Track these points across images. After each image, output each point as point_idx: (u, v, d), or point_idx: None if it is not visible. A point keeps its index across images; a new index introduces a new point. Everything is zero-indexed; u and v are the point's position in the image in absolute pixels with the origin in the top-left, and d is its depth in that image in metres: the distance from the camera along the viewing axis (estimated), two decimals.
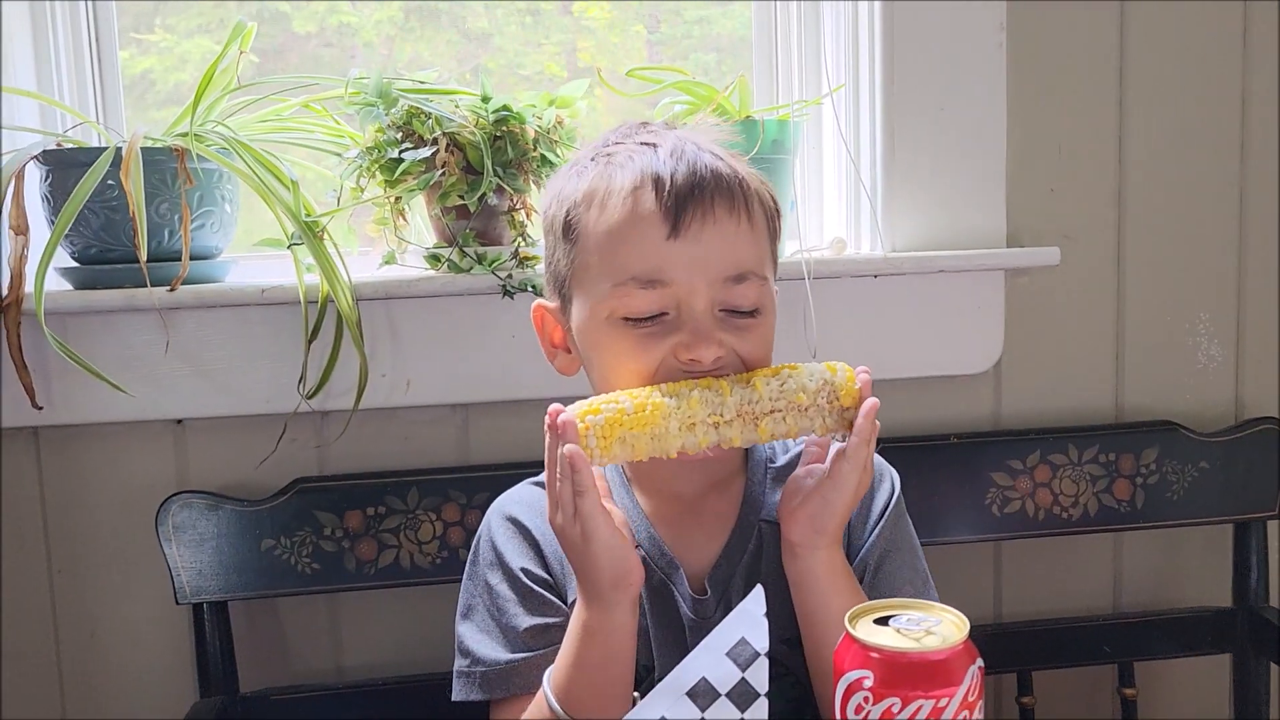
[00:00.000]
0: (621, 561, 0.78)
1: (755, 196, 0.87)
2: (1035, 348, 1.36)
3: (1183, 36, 1.34)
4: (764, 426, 0.79)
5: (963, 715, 0.60)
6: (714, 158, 0.85)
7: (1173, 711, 1.42)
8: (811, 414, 0.80)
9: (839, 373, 0.82)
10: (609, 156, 0.87)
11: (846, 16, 1.33)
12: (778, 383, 0.80)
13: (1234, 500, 1.31)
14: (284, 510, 1.17)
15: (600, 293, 0.85)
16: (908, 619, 0.63)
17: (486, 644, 0.90)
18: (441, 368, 1.23)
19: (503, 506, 0.96)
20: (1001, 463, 1.28)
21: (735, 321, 0.85)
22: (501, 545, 0.93)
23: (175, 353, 1.19)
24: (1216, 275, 1.38)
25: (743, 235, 0.85)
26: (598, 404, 0.78)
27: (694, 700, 0.63)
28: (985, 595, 1.38)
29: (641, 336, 0.84)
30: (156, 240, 1.16)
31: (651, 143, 0.86)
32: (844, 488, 0.81)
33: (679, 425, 0.78)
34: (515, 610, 0.89)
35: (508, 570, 0.91)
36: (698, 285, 0.83)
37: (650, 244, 0.82)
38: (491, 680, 0.89)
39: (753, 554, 0.90)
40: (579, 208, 0.86)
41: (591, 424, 0.77)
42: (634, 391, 0.79)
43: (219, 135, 1.14)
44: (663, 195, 0.82)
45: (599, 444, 0.77)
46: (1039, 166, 1.33)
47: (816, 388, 0.80)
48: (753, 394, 0.79)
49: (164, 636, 1.25)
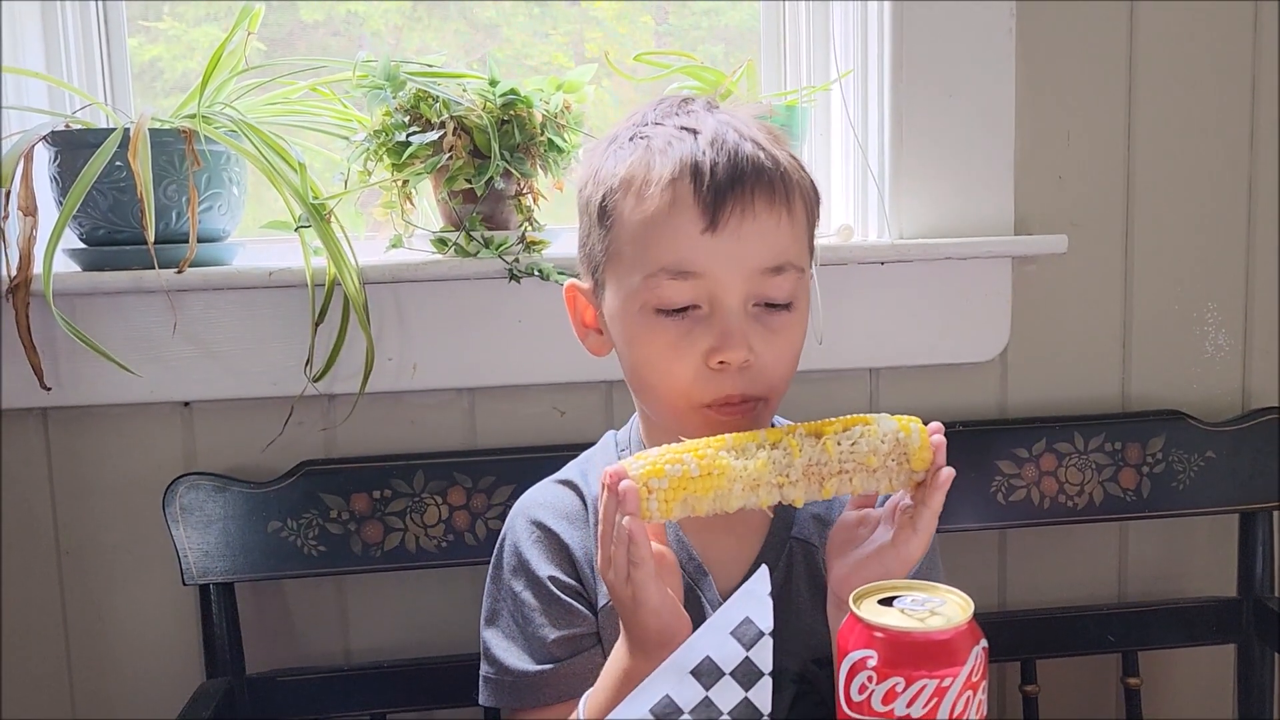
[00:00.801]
0: (670, 625, 0.75)
1: (796, 187, 0.85)
2: (1042, 336, 1.35)
3: (1193, 26, 1.33)
4: (829, 486, 0.77)
5: (966, 695, 0.60)
6: (755, 146, 0.83)
7: (1176, 701, 1.42)
8: (879, 475, 0.77)
9: (913, 434, 0.78)
10: (648, 140, 0.84)
11: (856, 4, 1.33)
12: (849, 442, 0.77)
13: (1240, 490, 1.31)
14: (290, 492, 1.17)
15: (633, 283, 0.83)
16: (912, 599, 0.63)
17: (513, 653, 0.89)
18: (448, 352, 1.23)
19: (527, 510, 0.94)
20: (1007, 451, 1.28)
21: (768, 320, 0.83)
22: (527, 551, 0.91)
23: (183, 335, 1.19)
24: (1224, 265, 1.38)
25: (782, 228, 0.83)
26: (661, 465, 0.74)
27: (698, 679, 0.63)
28: (990, 583, 1.38)
29: (674, 339, 0.82)
30: (164, 222, 1.16)
31: (692, 128, 0.84)
32: (908, 560, 0.78)
33: (744, 487, 0.75)
34: (541, 621, 0.88)
35: (534, 578, 0.89)
36: (733, 280, 0.81)
37: (685, 237, 0.81)
38: (519, 690, 0.88)
39: (783, 571, 0.90)
40: (616, 193, 0.84)
41: (655, 488, 0.74)
42: (699, 448, 0.76)
43: (227, 117, 1.14)
44: (701, 188, 0.80)
45: (660, 506, 0.74)
46: (1047, 154, 1.33)
47: (889, 449, 0.77)
48: (823, 455, 0.76)
49: (171, 618, 1.26)
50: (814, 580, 0.88)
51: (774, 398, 0.86)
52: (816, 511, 0.92)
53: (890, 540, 0.78)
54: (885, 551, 0.78)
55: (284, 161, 1.13)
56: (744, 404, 0.84)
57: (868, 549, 0.80)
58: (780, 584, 0.89)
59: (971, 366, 1.34)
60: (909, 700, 0.59)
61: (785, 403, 1.29)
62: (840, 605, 0.80)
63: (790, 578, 0.90)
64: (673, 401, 0.84)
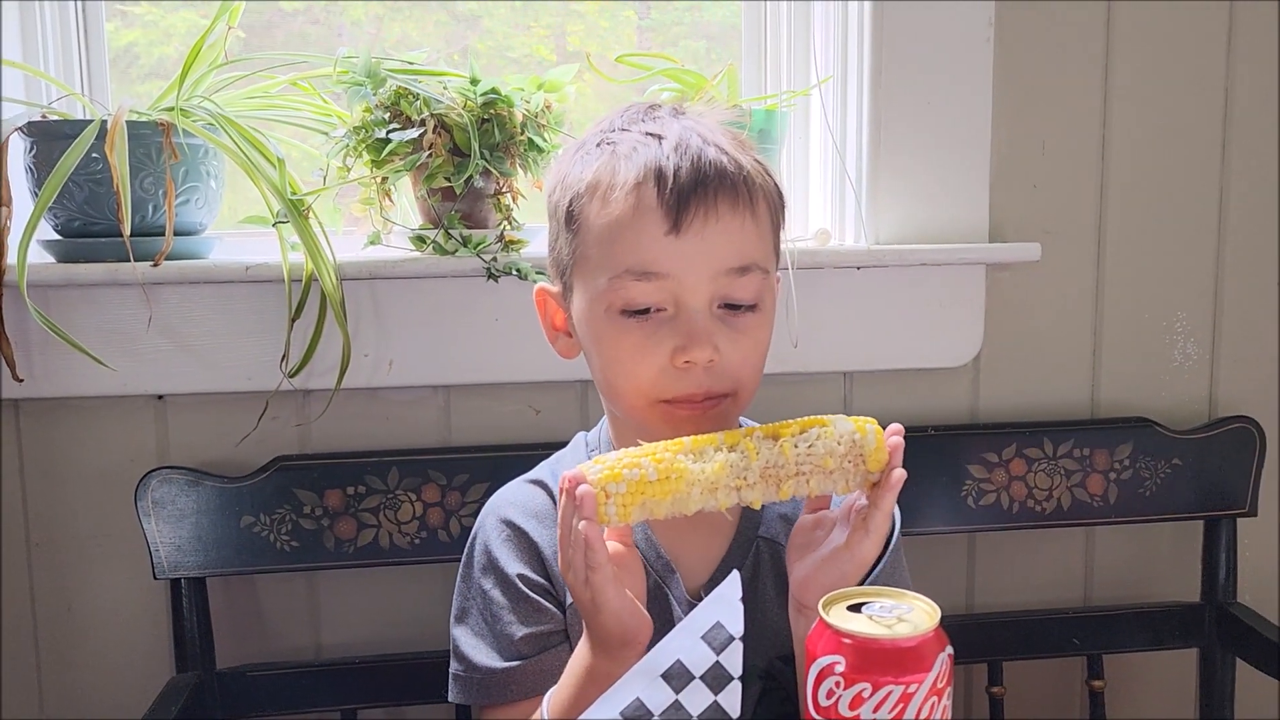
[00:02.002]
0: (631, 626, 0.76)
1: (760, 190, 0.86)
2: (1015, 342, 1.37)
3: (1168, 38, 1.35)
4: (786, 488, 0.78)
5: (931, 701, 0.61)
6: (718, 151, 0.84)
7: (1140, 704, 1.45)
8: (836, 476, 0.78)
9: (869, 435, 0.79)
10: (614, 146, 0.86)
11: (836, 9, 1.34)
12: (805, 444, 0.78)
13: (1206, 497, 1.33)
14: (264, 488, 1.17)
15: (599, 286, 0.84)
16: (880, 606, 0.64)
17: (481, 650, 0.90)
18: (424, 349, 1.24)
19: (497, 509, 0.95)
20: (978, 455, 1.29)
21: (734, 320, 0.84)
22: (496, 550, 0.92)
23: (158, 328, 1.19)
24: (1195, 275, 1.40)
25: (746, 230, 0.84)
26: (618, 469, 0.74)
27: (668, 682, 0.64)
28: (959, 586, 1.40)
29: (639, 339, 0.83)
30: (140, 215, 1.16)
31: (657, 133, 0.85)
32: (862, 562, 0.79)
33: (701, 490, 0.76)
34: (510, 618, 0.89)
35: (503, 576, 0.90)
36: (698, 281, 0.82)
37: (649, 239, 0.82)
38: (487, 687, 0.89)
39: (750, 570, 0.91)
40: (582, 198, 0.85)
41: (613, 492, 0.74)
42: (657, 452, 0.76)
43: (205, 110, 1.14)
44: (665, 192, 0.81)
45: (618, 510, 0.74)
46: (1023, 163, 1.34)
47: (845, 451, 0.78)
48: (779, 457, 0.77)
49: (141, 611, 1.25)
50: (780, 579, 0.89)
51: (742, 394, 0.87)
52: (784, 511, 0.93)
53: (844, 542, 0.79)
54: (840, 554, 0.79)
55: (262, 156, 1.13)
56: (707, 401, 0.85)
57: (823, 551, 0.81)
58: (747, 582, 0.90)
59: (945, 371, 1.36)
60: (875, 706, 0.60)
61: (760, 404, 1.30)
62: (800, 608, 0.82)
63: (757, 576, 0.91)
64: (637, 400, 0.86)
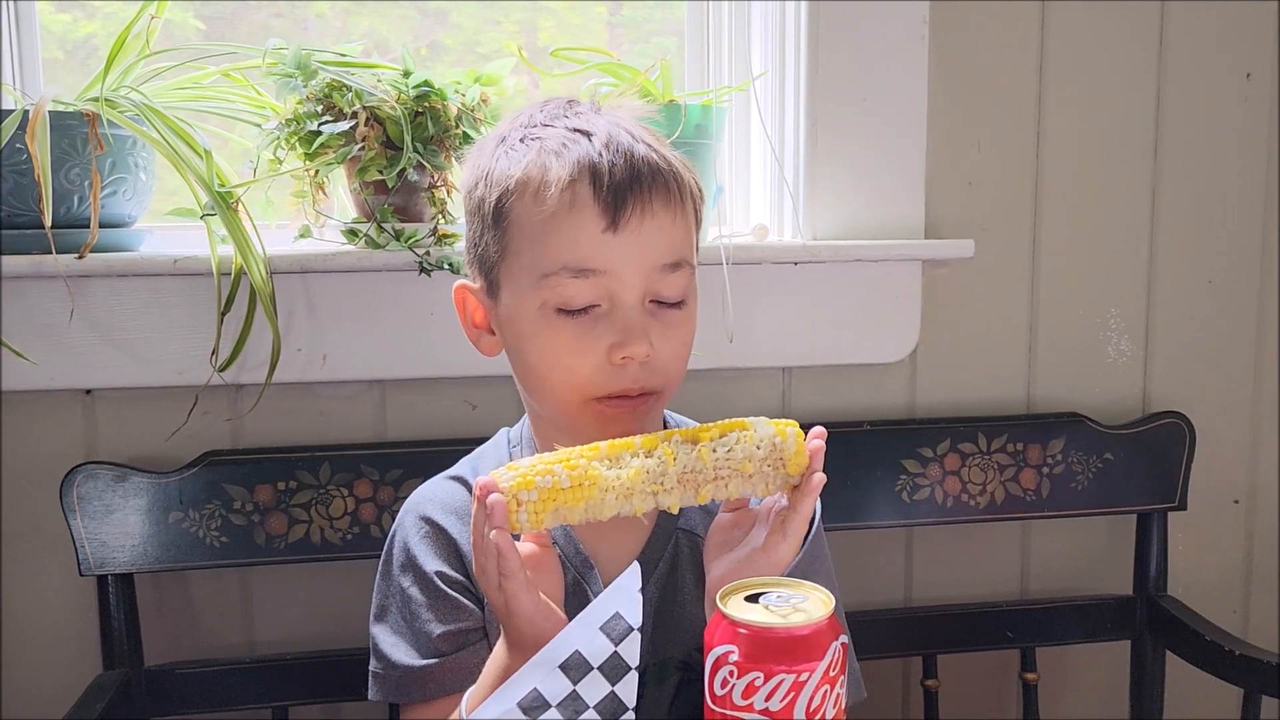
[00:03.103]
0: (546, 629, 0.74)
1: (687, 187, 0.87)
2: (951, 338, 1.38)
3: (1101, 38, 1.37)
4: (704, 493, 0.77)
5: (823, 690, 0.61)
6: (648, 148, 0.85)
7: (1074, 696, 1.46)
8: (755, 480, 0.77)
9: (789, 439, 0.77)
10: (540, 141, 0.85)
11: (774, 7, 1.34)
12: (724, 449, 0.77)
13: (1137, 492, 1.35)
14: (192, 483, 1.16)
15: (530, 283, 0.84)
16: (777, 596, 0.65)
17: (400, 648, 0.89)
18: (358, 343, 1.23)
19: (417, 506, 0.94)
20: (913, 450, 1.30)
21: (663, 316, 0.85)
22: (415, 547, 0.91)
23: (86, 322, 1.17)
24: (1128, 272, 1.42)
25: (677, 226, 0.85)
26: (531, 476, 0.73)
27: (566, 673, 0.64)
28: (896, 580, 1.41)
29: (574, 337, 0.83)
30: (66, 206, 1.14)
31: (585, 130, 0.85)
32: (779, 562, 0.79)
33: (616, 496, 0.75)
34: (428, 616, 0.89)
35: (421, 574, 0.90)
36: (633, 278, 0.83)
37: (587, 236, 0.82)
38: (405, 685, 0.89)
39: (669, 562, 0.91)
40: (512, 195, 0.85)
41: (525, 500, 0.73)
42: (571, 458, 0.75)
43: (131, 101, 1.12)
44: (601, 189, 0.82)
45: (530, 518, 0.73)
46: (958, 160, 1.36)
47: (764, 455, 0.77)
48: (697, 462, 0.76)
49: (69, 608, 1.23)
50: (699, 571, 0.89)
51: (668, 390, 0.87)
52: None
53: (761, 545, 0.79)
54: (756, 555, 0.79)
55: (189, 147, 1.12)
56: (640, 397, 0.85)
57: (740, 552, 0.80)
58: (666, 574, 0.90)
59: (882, 367, 1.37)
60: (767, 694, 0.61)
61: (696, 400, 1.31)
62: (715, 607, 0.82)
63: (676, 568, 0.91)
64: (567, 397, 0.85)
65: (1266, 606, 1.50)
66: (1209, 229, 1.42)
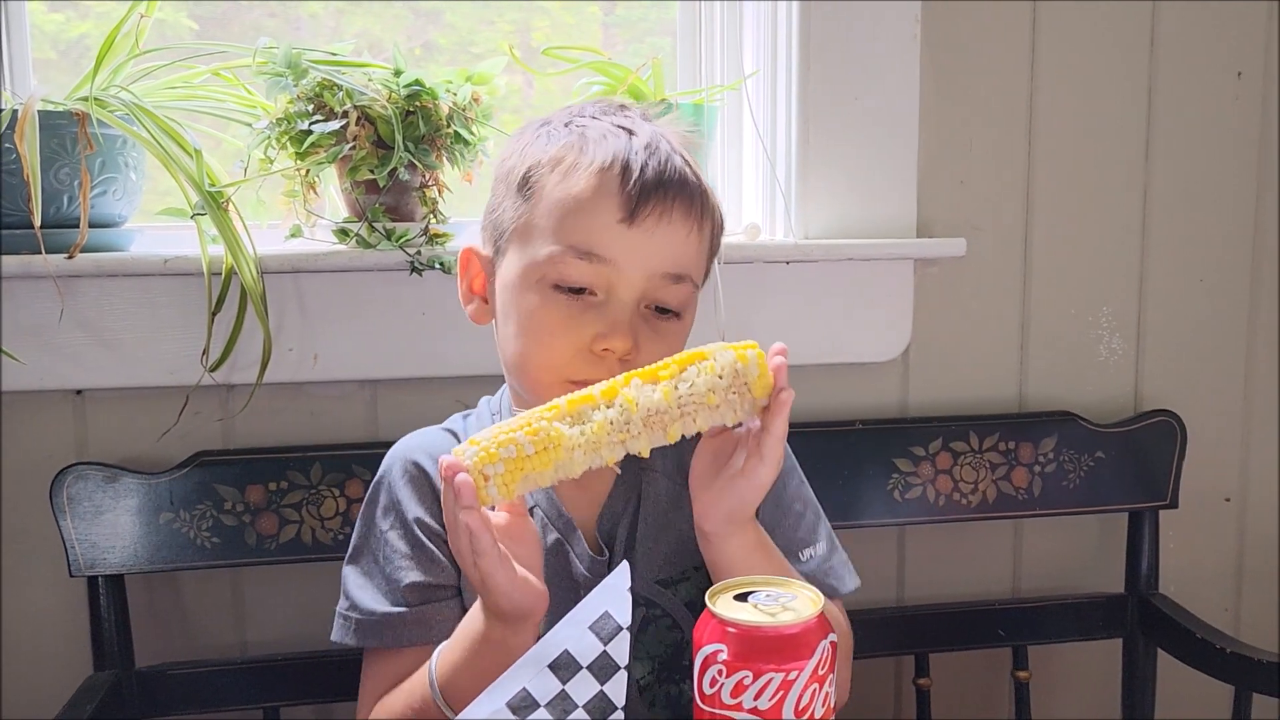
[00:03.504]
0: (524, 603, 0.76)
1: (711, 211, 0.89)
2: (942, 337, 1.38)
3: (1092, 37, 1.37)
4: (673, 431, 0.76)
5: (812, 688, 0.61)
6: (684, 162, 0.87)
7: (1066, 694, 1.47)
8: (723, 410, 0.76)
9: (750, 362, 0.76)
10: (583, 128, 0.88)
11: (766, 7, 1.34)
12: (686, 385, 0.75)
13: (1128, 490, 1.35)
14: (183, 483, 1.16)
15: (538, 254, 0.85)
16: (766, 595, 0.65)
17: (368, 591, 0.90)
18: (350, 343, 1.23)
19: (407, 451, 0.94)
20: (904, 449, 1.30)
21: (656, 323, 0.86)
22: (399, 490, 0.92)
23: (76, 322, 1.17)
24: (1119, 271, 1.42)
25: (691, 241, 0.87)
26: (494, 449, 0.72)
27: (555, 673, 0.64)
28: (888, 579, 1.41)
29: (563, 317, 0.84)
30: (55, 206, 1.14)
31: (628, 129, 0.88)
32: (759, 484, 0.79)
33: (584, 452, 0.74)
34: (402, 563, 0.89)
35: (401, 518, 0.91)
36: (635, 275, 0.84)
37: (602, 222, 0.84)
38: (367, 629, 0.89)
39: (634, 504, 0.92)
40: (543, 168, 0.87)
41: (491, 474, 0.72)
42: (530, 422, 0.74)
43: (121, 100, 1.12)
44: (628, 182, 0.83)
45: (500, 489, 0.73)
46: (950, 159, 1.36)
47: (728, 383, 0.76)
48: (661, 403, 0.75)
49: (59, 609, 1.23)
50: (658, 503, 0.91)
51: None
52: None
53: (740, 469, 0.80)
54: (736, 480, 0.80)
55: (179, 147, 1.11)
56: None
57: (723, 479, 0.81)
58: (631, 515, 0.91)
59: (874, 366, 1.37)
60: (756, 693, 0.61)
61: None
62: (706, 536, 0.83)
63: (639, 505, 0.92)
64: (544, 376, 0.86)
65: (1258, 604, 1.51)
66: (1200, 228, 1.43)
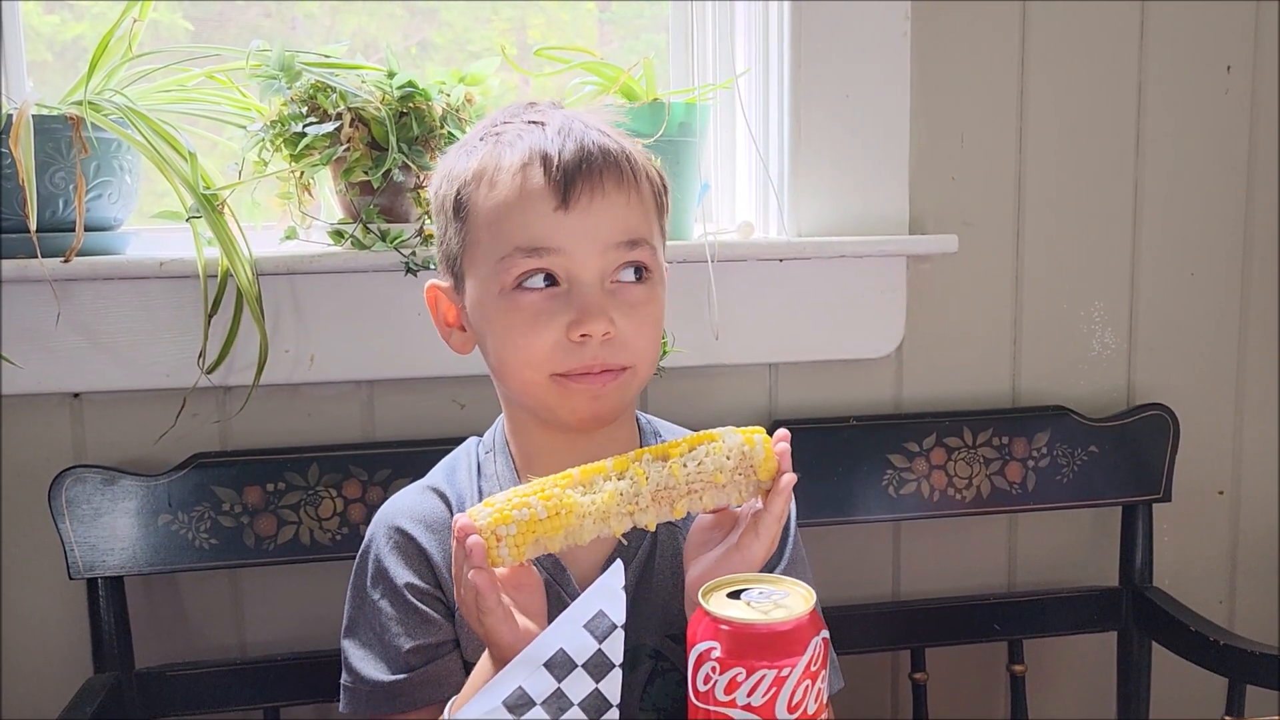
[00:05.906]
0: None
1: (643, 171, 0.88)
2: (936, 333, 1.39)
3: (1082, 32, 1.38)
4: (680, 507, 0.78)
5: (804, 685, 0.62)
6: (601, 134, 0.86)
7: (1060, 687, 1.47)
8: (728, 490, 0.78)
9: (757, 446, 0.79)
10: (497, 136, 0.87)
11: (758, 5, 1.35)
12: (694, 463, 0.78)
13: (1122, 484, 1.36)
14: (181, 485, 1.16)
15: (489, 270, 0.85)
16: (759, 592, 0.65)
17: (370, 662, 0.89)
18: (345, 344, 1.23)
19: (389, 518, 0.94)
20: (899, 445, 1.31)
21: (626, 294, 0.85)
22: (385, 559, 0.91)
23: (72, 325, 1.17)
24: (1111, 265, 1.43)
25: (632, 206, 0.86)
26: (508, 511, 0.74)
27: (550, 671, 0.64)
28: (884, 574, 1.42)
29: (533, 315, 0.83)
30: (51, 210, 1.14)
31: (539, 121, 0.87)
32: (752, 561, 0.80)
33: (594, 521, 0.75)
34: (398, 630, 0.89)
35: (391, 586, 0.90)
36: (588, 256, 0.83)
37: (538, 216, 0.83)
38: (376, 699, 0.89)
39: (646, 550, 0.91)
40: (469, 186, 0.86)
41: (504, 535, 0.73)
42: (545, 488, 0.75)
43: (115, 104, 1.12)
44: (551, 170, 0.83)
45: (511, 551, 0.74)
46: (942, 155, 1.36)
47: (735, 464, 0.78)
48: (670, 479, 0.77)
49: (59, 612, 1.23)
50: (675, 559, 0.90)
51: (641, 366, 0.87)
52: None
53: (735, 544, 0.80)
54: (730, 555, 0.80)
55: (174, 150, 1.12)
56: (605, 374, 0.85)
57: (717, 552, 0.81)
58: (643, 562, 0.91)
59: (868, 362, 1.37)
60: (749, 690, 0.61)
61: (684, 397, 1.32)
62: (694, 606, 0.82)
63: (653, 555, 0.91)
64: (531, 375, 0.85)
65: (1252, 597, 1.51)
66: (1191, 221, 1.43)
